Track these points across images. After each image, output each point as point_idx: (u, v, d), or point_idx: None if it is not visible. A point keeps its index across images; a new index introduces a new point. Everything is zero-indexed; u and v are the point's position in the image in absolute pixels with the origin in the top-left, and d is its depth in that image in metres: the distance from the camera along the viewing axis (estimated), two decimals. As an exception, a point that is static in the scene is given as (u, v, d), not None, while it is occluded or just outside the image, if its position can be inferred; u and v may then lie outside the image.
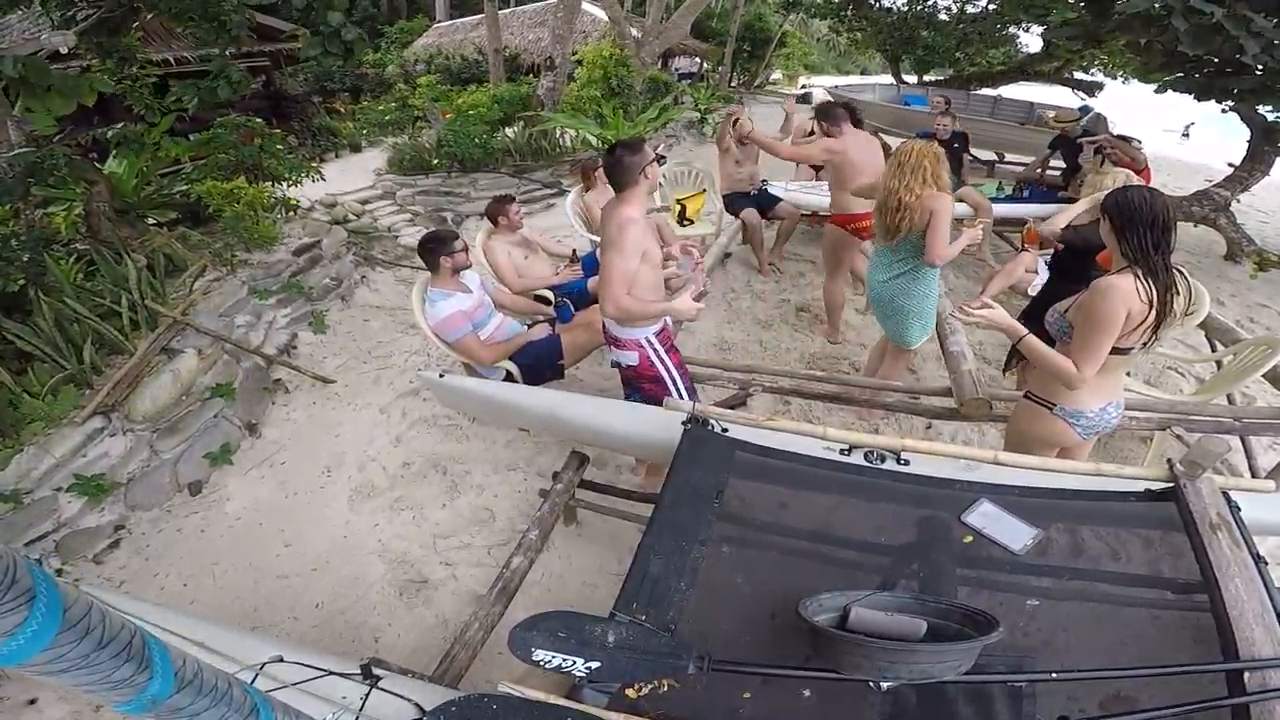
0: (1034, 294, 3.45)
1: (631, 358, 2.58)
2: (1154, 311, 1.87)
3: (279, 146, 5.88)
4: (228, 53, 5.23)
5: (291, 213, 5.82)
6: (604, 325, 2.64)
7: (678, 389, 2.61)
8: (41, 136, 4.53)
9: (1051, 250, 3.27)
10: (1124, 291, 1.86)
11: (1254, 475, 3.00)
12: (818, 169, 6.76)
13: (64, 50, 5.22)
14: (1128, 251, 1.92)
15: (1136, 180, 2.97)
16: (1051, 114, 9.90)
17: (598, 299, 2.59)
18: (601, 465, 3.33)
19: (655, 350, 2.57)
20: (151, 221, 5.20)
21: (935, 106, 5.87)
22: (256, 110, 8.41)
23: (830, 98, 8.60)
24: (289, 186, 5.88)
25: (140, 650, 0.68)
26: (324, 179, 6.32)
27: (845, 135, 3.88)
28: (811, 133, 6.65)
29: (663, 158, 2.51)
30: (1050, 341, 2.11)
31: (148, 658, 0.69)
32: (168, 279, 4.40)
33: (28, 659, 0.60)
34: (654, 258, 2.45)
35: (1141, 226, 1.88)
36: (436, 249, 3.20)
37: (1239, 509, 1.73)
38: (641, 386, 2.63)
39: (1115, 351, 1.97)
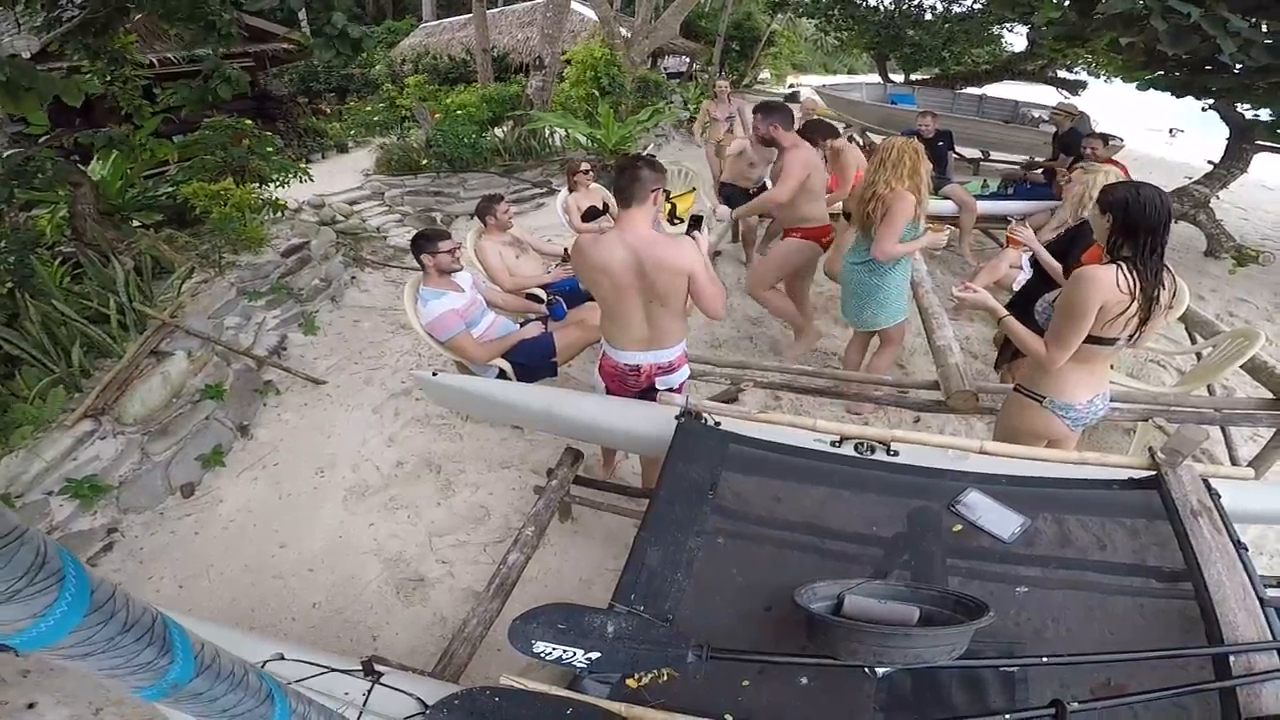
0: (1017, 289, 3.51)
1: (685, 371, 2.60)
2: (1136, 302, 1.89)
3: (269, 149, 5.85)
4: (218, 52, 5.20)
5: (279, 214, 5.79)
6: (648, 363, 2.47)
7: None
8: (26, 138, 4.49)
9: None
10: (1101, 282, 1.88)
11: (1235, 465, 3.06)
12: None
13: (27, 55, 5.16)
14: (1122, 248, 1.91)
15: (1117, 174, 3.02)
16: (1039, 113, 10.03)
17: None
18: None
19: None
20: (137, 224, 5.16)
21: (924, 126, 5.96)
22: (241, 111, 8.34)
23: (817, 97, 8.66)
24: (276, 188, 5.85)
25: (162, 634, 0.70)
26: (312, 180, 6.29)
27: (797, 138, 3.75)
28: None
29: (652, 156, 2.52)
30: (1040, 333, 2.16)
31: (169, 642, 0.70)
32: (156, 281, 4.38)
33: (57, 640, 0.61)
34: None
35: (1144, 231, 1.86)
36: (427, 248, 3.21)
37: (1220, 496, 1.77)
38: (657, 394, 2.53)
39: (1100, 342, 2.00)
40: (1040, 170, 6.54)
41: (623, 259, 2.25)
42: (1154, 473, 1.84)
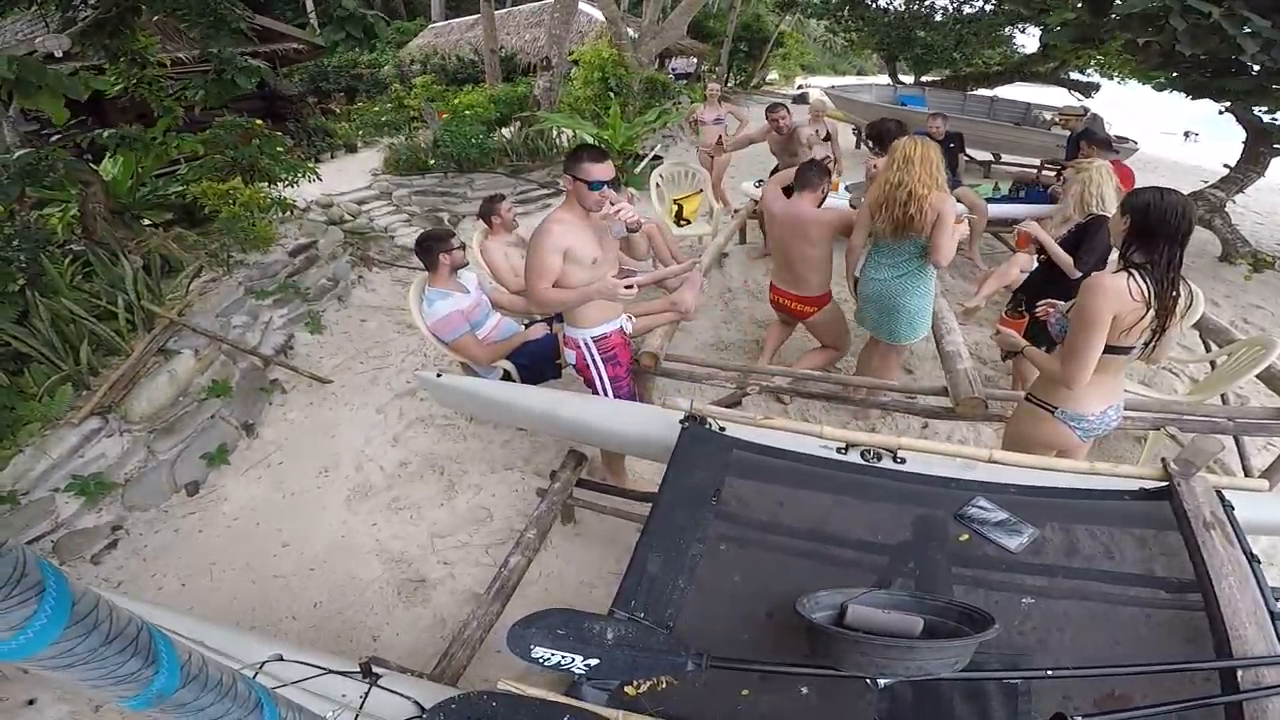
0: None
1: (570, 356, 2.76)
2: (1152, 311, 1.84)
3: (279, 149, 5.87)
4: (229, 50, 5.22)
5: (288, 213, 5.81)
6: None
7: (605, 392, 2.73)
8: (38, 137, 4.52)
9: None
10: (1110, 292, 1.83)
11: (1247, 475, 3.02)
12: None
13: (58, 54, 5.21)
14: (1140, 255, 1.86)
15: (1109, 167, 3.00)
16: (1050, 115, 9.93)
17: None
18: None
19: (590, 354, 2.69)
20: (147, 222, 5.19)
21: (934, 128, 5.91)
22: (251, 111, 8.39)
23: (826, 98, 8.61)
24: (285, 187, 5.87)
25: (147, 644, 0.69)
26: (320, 179, 6.31)
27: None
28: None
29: (659, 158, 2.54)
30: (1051, 341, 2.13)
31: (154, 652, 0.70)
32: (164, 280, 4.39)
33: (36, 653, 0.60)
34: (582, 257, 2.44)
35: (1162, 238, 1.80)
36: (434, 247, 3.21)
37: (1233, 508, 1.74)
38: (585, 382, 2.80)
39: (1115, 351, 1.96)
40: (1056, 173, 6.48)
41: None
42: (1166, 483, 1.81)
